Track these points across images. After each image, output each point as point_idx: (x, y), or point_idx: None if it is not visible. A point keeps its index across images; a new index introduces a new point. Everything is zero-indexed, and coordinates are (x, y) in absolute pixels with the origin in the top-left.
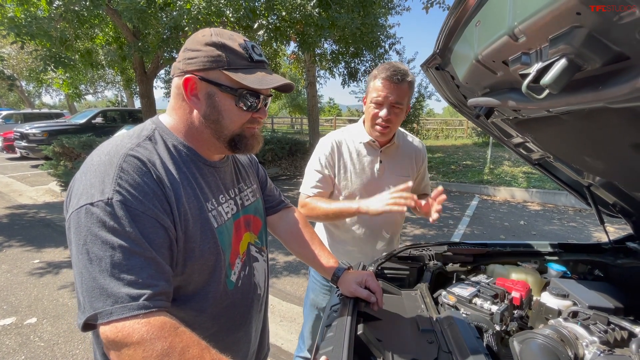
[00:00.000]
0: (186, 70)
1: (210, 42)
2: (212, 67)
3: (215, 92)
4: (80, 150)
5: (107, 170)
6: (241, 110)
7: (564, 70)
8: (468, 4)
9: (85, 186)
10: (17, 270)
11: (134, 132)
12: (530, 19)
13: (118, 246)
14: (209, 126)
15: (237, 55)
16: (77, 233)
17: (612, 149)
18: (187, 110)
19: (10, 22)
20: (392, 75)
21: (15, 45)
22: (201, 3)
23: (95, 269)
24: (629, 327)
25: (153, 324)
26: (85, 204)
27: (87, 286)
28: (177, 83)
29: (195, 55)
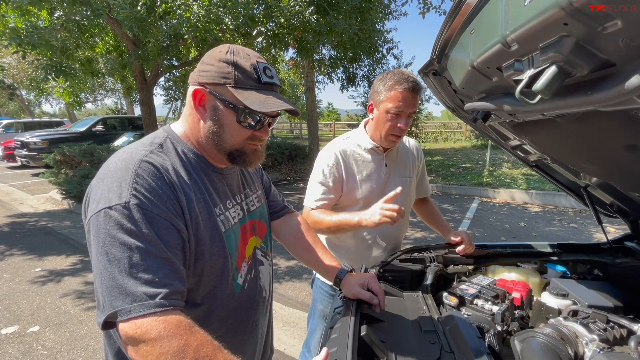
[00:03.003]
0: (198, 81)
1: (223, 59)
2: (220, 83)
3: (219, 106)
4: (81, 158)
5: (123, 176)
6: (241, 127)
7: (554, 76)
8: (463, 13)
9: (103, 191)
10: (19, 278)
11: (147, 140)
12: (521, 28)
13: (135, 247)
14: (210, 137)
15: (246, 75)
16: (97, 235)
17: (606, 151)
18: (196, 120)
19: (12, 33)
20: (412, 86)
21: (16, 55)
22: (200, 11)
23: (114, 269)
24: (627, 325)
25: (170, 322)
26: (104, 208)
27: (107, 286)
28: (189, 92)
29: (208, 68)
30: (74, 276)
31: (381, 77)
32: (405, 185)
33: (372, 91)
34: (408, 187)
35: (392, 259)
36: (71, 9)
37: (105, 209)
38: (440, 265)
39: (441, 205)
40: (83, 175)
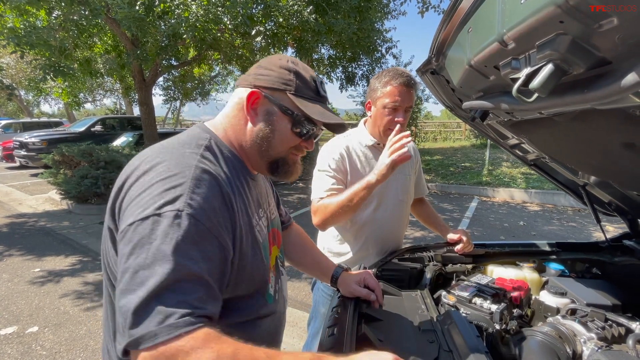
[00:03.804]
0: (254, 84)
1: (285, 66)
2: (279, 88)
3: (275, 111)
4: (80, 159)
5: (178, 182)
6: (293, 134)
7: (551, 74)
8: (460, 12)
9: (152, 196)
10: (17, 279)
11: (191, 140)
12: (517, 27)
13: (176, 264)
14: (258, 142)
15: (307, 85)
16: (138, 245)
17: (604, 149)
18: (243, 122)
19: (10, 32)
20: (406, 81)
21: (15, 55)
22: (199, 11)
23: (147, 286)
24: (626, 323)
25: (197, 337)
26: (152, 215)
27: (135, 304)
28: (240, 93)
29: (267, 73)
30: (73, 276)
31: (377, 75)
32: (405, 183)
33: (369, 89)
34: (408, 185)
35: (390, 258)
36: (69, 8)
37: (153, 216)
38: (439, 264)
39: (440, 204)
40: (82, 175)
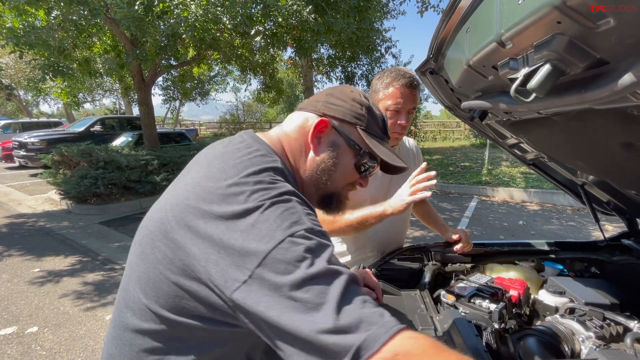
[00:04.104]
0: (324, 112)
1: (358, 99)
2: (350, 122)
3: (342, 144)
4: (80, 159)
5: (286, 206)
6: (355, 170)
7: (548, 74)
8: (459, 12)
9: (270, 225)
10: (17, 279)
11: (260, 162)
12: (515, 27)
13: (335, 271)
14: (318, 173)
15: (376, 122)
16: (285, 271)
17: (602, 148)
18: (304, 148)
19: (8, 32)
20: (409, 82)
21: (14, 55)
22: (198, 11)
23: (330, 302)
24: (624, 322)
25: (420, 337)
26: (286, 237)
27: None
28: (305, 117)
29: (339, 103)
30: (72, 276)
31: (378, 76)
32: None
33: (370, 91)
34: None
35: (390, 257)
36: (68, 8)
37: (287, 238)
38: (438, 263)
39: (440, 204)
40: (81, 175)
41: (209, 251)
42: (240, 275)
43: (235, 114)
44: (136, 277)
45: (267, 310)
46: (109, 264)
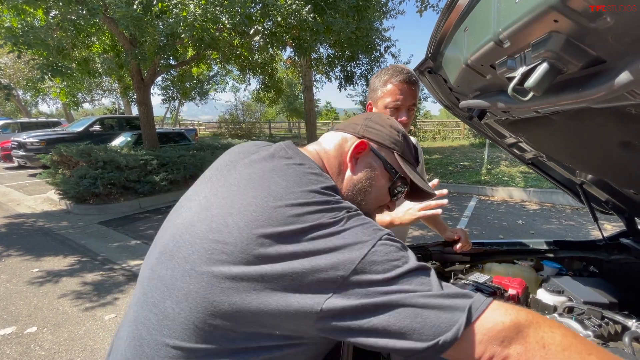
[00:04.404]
0: (363, 134)
1: (395, 127)
2: (388, 146)
3: (379, 166)
4: (79, 159)
5: (361, 223)
6: (387, 193)
7: (546, 73)
8: (456, 11)
9: (354, 236)
10: (16, 279)
11: (317, 180)
12: (512, 26)
13: (426, 266)
14: (354, 192)
15: (410, 150)
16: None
17: (601, 148)
18: (342, 168)
19: (7, 32)
20: (407, 77)
21: (12, 55)
22: (197, 10)
23: (436, 286)
24: (622, 320)
25: (499, 305)
26: (373, 245)
27: (425, 309)
28: (344, 137)
29: (379, 128)
30: (71, 277)
31: (376, 74)
32: None
33: (369, 89)
34: None
35: None
36: (67, 8)
37: (378, 241)
38: (437, 263)
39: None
40: (80, 175)
41: (291, 275)
42: (332, 286)
43: (235, 113)
44: (183, 295)
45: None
46: (108, 264)
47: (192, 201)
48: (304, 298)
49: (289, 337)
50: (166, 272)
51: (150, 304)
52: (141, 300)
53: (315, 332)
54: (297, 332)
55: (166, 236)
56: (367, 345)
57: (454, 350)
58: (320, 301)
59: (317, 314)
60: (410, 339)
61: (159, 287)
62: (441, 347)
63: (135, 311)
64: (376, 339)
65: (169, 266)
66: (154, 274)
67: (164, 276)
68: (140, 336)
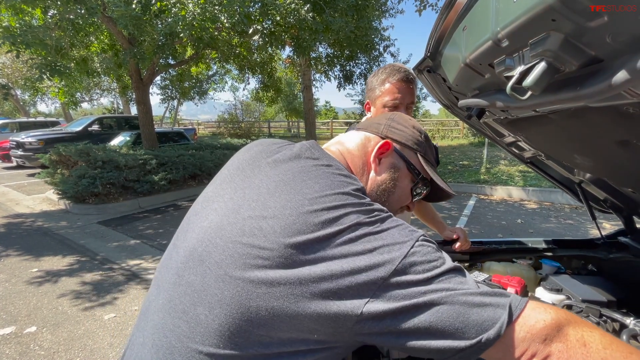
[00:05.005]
0: (387, 135)
1: (417, 128)
2: (411, 147)
3: (402, 167)
4: (77, 158)
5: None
6: (410, 193)
7: (544, 72)
8: (455, 10)
9: (392, 237)
10: (15, 279)
11: (348, 182)
12: (511, 25)
13: (461, 267)
14: (378, 193)
15: (431, 151)
16: (421, 269)
17: (599, 146)
18: (366, 168)
19: (5, 32)
20: (405, 76)
21: (10, 54)
22: (196, 9)
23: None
24: (620, 318)
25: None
26: (411, 247)
27: (466, 308)
28: (367, 137)
29: (401, 129)
30: (71, 276)
31: (374, 73)
32: None
33: (367, 89)
34: None
35: None
36: (65, 7)
37: (417, 242)
38: None
39: (439, 203)
40: (79, 175)
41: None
42: (372, 288)
43: (234, 113)
44: (217, 301)
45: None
46: (107, 263)
47: (216, 202)
48: (344, 302)
49: (325, 342)
50: (195, 277)
51: (179, 310)
52: (167, 307)
53: (352, 335)
54: (334, 335)
55: (191, 240)
56: (406, 348)
57: (496, 348)
58: (360, 304)
59: (357, 317)
60: (452, 338)
61: (189, 293)
62: (484, 345)
63: (161, 317)
64: (416, 340)
65: (199, 271)
66: (181, 280)
67: (193, 282)
68: (169, 344)
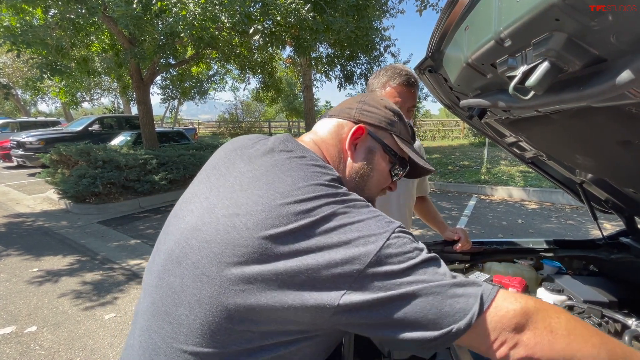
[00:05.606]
0: (359, 119)
1: (389, 107)
2: (385, 128)
3: (378, 150)
4: (78, 158)
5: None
6: (389, 175)
7: (547, 72)
8: (457, 9)
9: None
10: (16, 279)
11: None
12: (513, 25)
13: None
14: (356, 179)
15: (406, 129)
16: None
17: (600, 147)
18: (342, 155)
19: (6, 31)
20: (406, 80)
21: (11, 54)
22: (196, 9)
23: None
24: (622, 319)
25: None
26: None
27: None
28: (340, 124)
29: (373, 110)
30: (71, 276)
31: (374, 75)
32: (407, 186)
33: (367, 90)
34: (410, 188)
35: None
36: (66, 7)
37: (392, 234)
38: None
39: (439, 203)
40: (80, 175)
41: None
42: (348, 280)
43: (234, 113)
44: (196, 301)
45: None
46: (107, 263)
47: (192, 203)
48: (320, 294)
49: (306, 331)
50: (175, 279)
51: (162, 312)
52: (151, 309)
53: (330, 325)
54: (313, 325)
55: (170, 242)
56: (383, 338)
57: (467, 336)
58: (337, 297)
59: (334, 308)
60: (425, 329)
61: (169, 294)
62: (454, 335)
63: (146, 320)
64: (391, 331)
65: (177, 273)
66: (162, 282)
67: (172, 283)
68: (155, 345)
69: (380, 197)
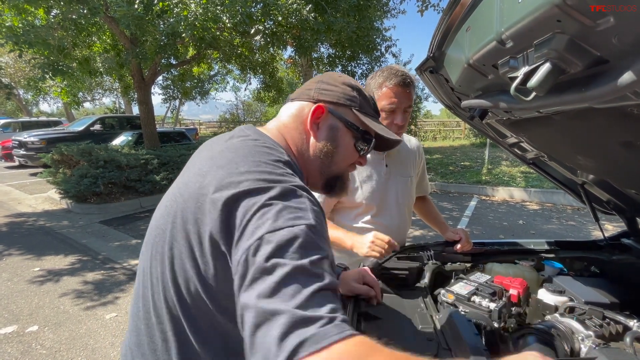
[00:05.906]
0: (318, 98)
1: (347, 82)
2: (344, 104)
3: (340, 126)
4: (79, 158)
5: (299, 201)
6: (355, 150)
7: (548, 73)
8: (458, 10)
9: (280, 211)
10: (17, 278)
11: (271, 155)
12: (515, 26)
13: (317, 274)
14: (321, 157)
15: (367, 102)
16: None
17: (602, 148)
18: (305, 136)
19: (8, 31)
20: (401, 80)
21: (13, 54)
22: (198, 9)
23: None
24: (623, 321)
25: (362, 342)
26: (303, 224)
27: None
28: (301, 106)
29: (331, 88)
30: (72, 275)
31: (372, 75)
32: (406, 185)
33: (365, 91)
34: (409, 187)
35: (389, 257)
36: (68, 7)
37: (287, 228)
38: (438, 263)
39: (440, 203)
40: (81, 174)
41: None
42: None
43: (235, 113)
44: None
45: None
46: (108, 263)
47: (165, 198)
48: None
49: None
50: (146, 262)
51: (140, 292)
52: (135, 294)
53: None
54: None
55: (148, 237)
56: None
57: None
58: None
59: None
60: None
61: (146, 273)
62: None
63: (134, 304)
64: None
65: (147, 257)
66: (145, 270)
67: (145, 267)
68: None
69: (380, 197)
